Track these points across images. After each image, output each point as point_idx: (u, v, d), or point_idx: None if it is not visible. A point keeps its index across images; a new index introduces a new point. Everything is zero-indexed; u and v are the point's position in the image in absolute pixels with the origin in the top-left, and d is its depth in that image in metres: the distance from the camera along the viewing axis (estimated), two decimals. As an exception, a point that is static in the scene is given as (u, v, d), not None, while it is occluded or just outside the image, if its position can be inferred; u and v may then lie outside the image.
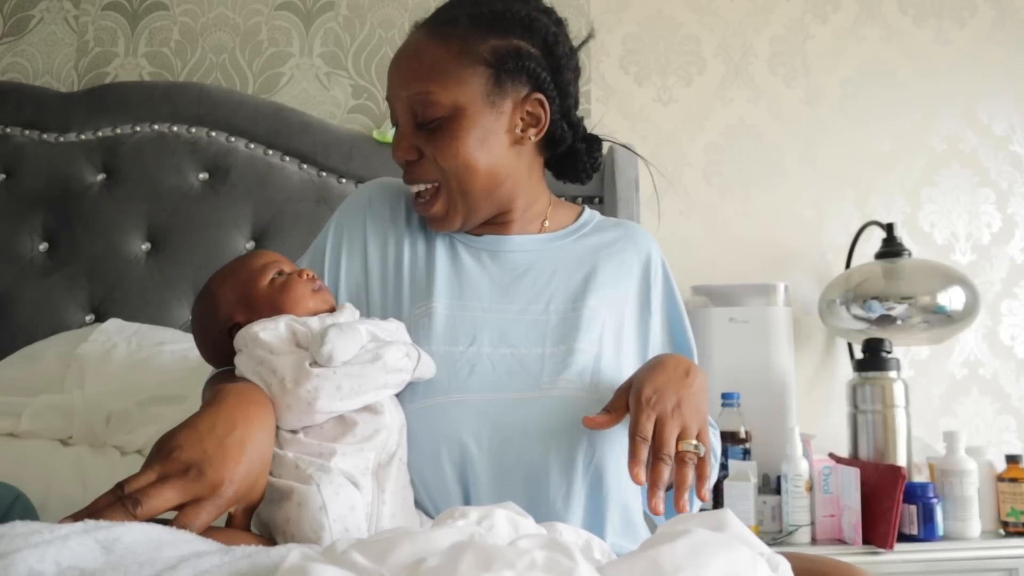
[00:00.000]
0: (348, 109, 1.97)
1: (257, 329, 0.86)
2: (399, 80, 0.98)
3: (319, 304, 0.93)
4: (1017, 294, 2.07)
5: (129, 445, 1.33)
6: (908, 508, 1.51)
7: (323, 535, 0.75)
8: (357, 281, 1.03)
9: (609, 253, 1.06)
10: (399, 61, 0.99)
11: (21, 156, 1.79)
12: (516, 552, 0.51)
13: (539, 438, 0.88)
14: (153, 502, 0.68)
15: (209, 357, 0.97)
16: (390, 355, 0.86)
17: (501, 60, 0.96)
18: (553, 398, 0.90)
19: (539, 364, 0.93)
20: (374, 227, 1.05)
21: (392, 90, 0.99)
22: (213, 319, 0.93)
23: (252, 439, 0.76)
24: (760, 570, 0.58)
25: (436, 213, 0.99)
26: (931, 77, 2.10)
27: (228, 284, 0.94)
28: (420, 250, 1.04)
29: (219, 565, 0.55)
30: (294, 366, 0.82)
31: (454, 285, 1.00)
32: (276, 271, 0.94)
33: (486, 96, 0.96)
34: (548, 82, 0.99)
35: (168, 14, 2.00)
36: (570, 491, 0.88)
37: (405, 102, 0.97)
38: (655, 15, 2.07)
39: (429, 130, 0.96)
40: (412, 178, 1.00)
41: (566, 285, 1.01)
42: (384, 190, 1.10)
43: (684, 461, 0.80)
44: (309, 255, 1.07)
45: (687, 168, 2.03)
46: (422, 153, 0.97)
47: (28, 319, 1.70)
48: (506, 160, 0.99)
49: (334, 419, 0.84)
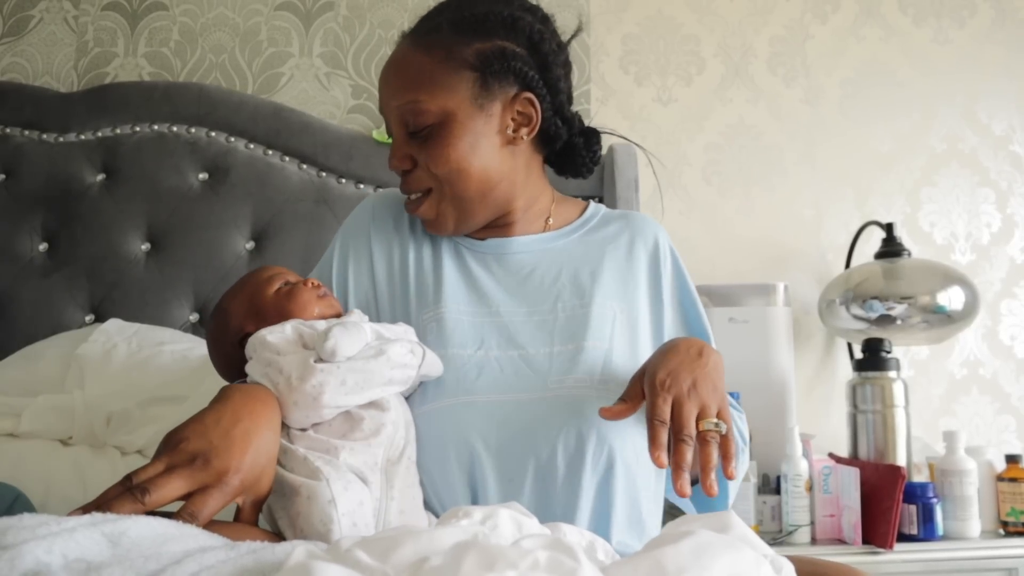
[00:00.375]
0: (348, 109, 1.97)
1: (264, 333, 0.88)
2: (388, 91, 0.99)
3: (325, 309, 0.95)
4: (1017, 294, 2.07)
5: (129, 445, 1.33)
6: (908, 508, 1.52)
7: (332, 528, 0.76)
8: (366, 294, 1.05)
9: (616, 246, 1.06)
10: (387, 73, 1.00)
11: (21, 156, 1.79)
12: (519, 552, 0.51)
13: (547, 439, 0.88)
14: (161, 491, 0.70)
15: (223, 370, 0.99)
16: (394, 351, 0.87)
17: (486, 63, 0.96)
18: (561, 398, 0.90)
19: (547, 364, 0.93)
20: (379, 239, 1.07)
21: (383, 101, 1.00)
22: (225, 332, 0.96)
23: (257, 431, 0.78)
24: (763, 572, 0.58)
25: (425, 215, 1.01)
26: (931, 77, 2.10)
27: (237, 298, 0.97)
28: (427, 258, 1.05)
29: (224, 560, 0.56)
30: (299, 363, 0.84)
31: (461, 291, 1.00)
32: (282, 281, 0.97)
33: (474, 100, 0.96)
34: (536, 80, 0.99)
35: (168, 14, 2.00)
36: (578, 491, 0.88)
37: (396, 112, 0.98)
38: (655, 15, 2.07)
39: (421, 139, 0.97)
40: (407, 187, 1.02)
41: (573, 282, 1.01)
42: (386, 201, 1.11)
43: (706, 440, 0.79)
44: (316, 271, 1.09)
45: (687, 168, 2.03)
46: (415, 162, 0.99)
47: (28, 319, 1.70)
48: (499, 162, 0.99)
49: (341, 416, 0.85)
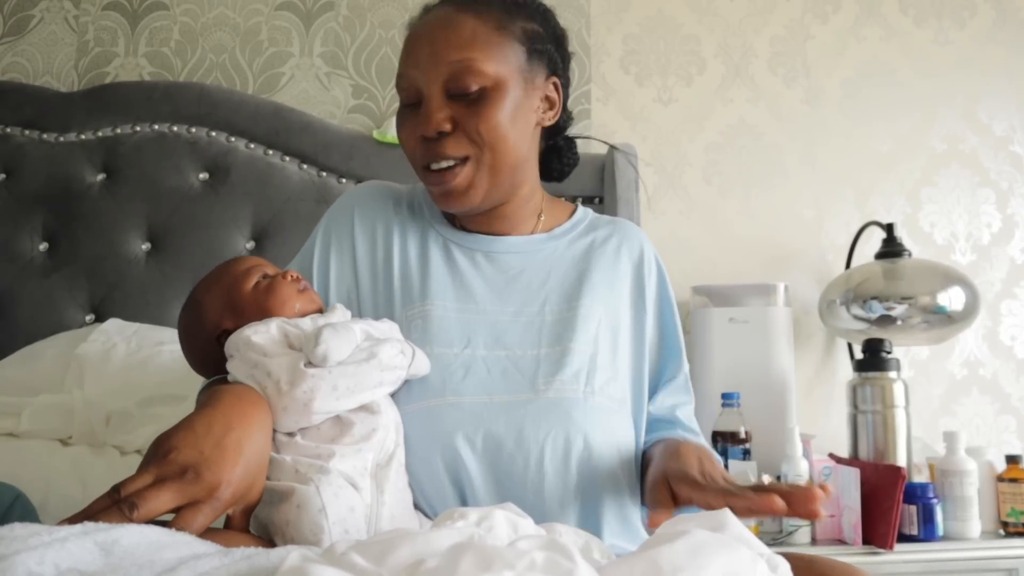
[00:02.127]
0: (348, 109, 1.97)
1: (248, 333, 0.85)
2: (432, 51, 0.93)
3: (306, 304, 0.93)
4: (1017, 294, 2.07)
5: (129, 445, 1.33)
6: (908, 508, 1.51)
7: (322, 537, 0.75)
8: (348, 285, 1.02)
9: (603, 252, 1.05)
10: (431, 32, 0.95)
11: (21, 156, 1.79)
12: (515, 553, 0.51)
13: (535, 441, 0.87)
14: (150, 505, 0.67)
15: (198, 366, 0.96)
16: (385, 353, 0.85)
17: (531, 40, 0.97)
18: (548, 400, 0.90)
19: (534, 365, 0.93)
20: (363, 230, 1.04)
21: (418, 62, 0.94)
22: (200, 327, 0.92)
23: (249, 440, 0.75)
24: (759, 570, 0.58)
25: (458, 185, 0.95)
26: (931, 77, 2.10)
27: (213, 291, 0.93)
28: (412, 252, 1.02)
29: (218, 567, 0.55)
30: (289, 368, 0.81)
31: (449, 287, 0.99)
32: (260, 275, 0.93)
33: (521, 72, 0.96)
34: (562, 69, 1.02)
35: (168, 14, 2.00)
36: (565, 492, 0.88)
37: (443, 71, 0.92)
38: (655, 15, 2.07)
39: (466, 101, 0.93)
40: (440, 153, 0.94)
41: (561, 285, 1.00)
42: (372, 193, 1.09)
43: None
44: (297, 261, 1.06)
45: (687, 168, 2.03)
46: (456, 126, 0.93)
47: (28, 319, 1.70)
48: (528, 141, 0.99)
49: (331, 420, 0.83)
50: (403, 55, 0.98)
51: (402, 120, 0.98)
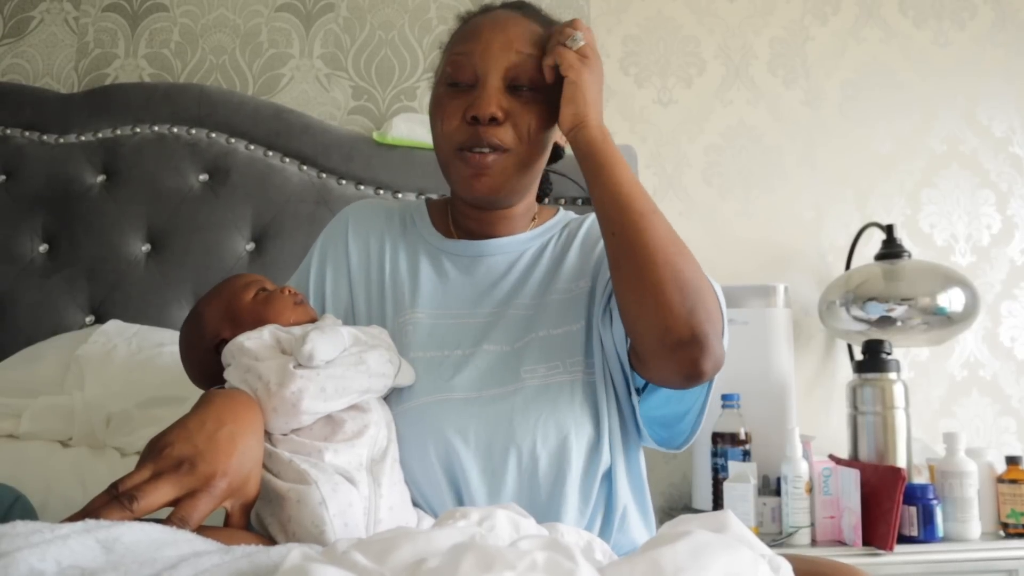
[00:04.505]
0: (348, 110, 1.97)
1: (242, 339, 0.88)
2: (503, 40, 0.95)
3: (301, 316, 0.96)
4: (1017, 295, 2.07)
5: (129, 447, 1.33)
6: (908, 509, 1.51)
7: (325, 530, 0.76)
8: (344, 299, 1.05)
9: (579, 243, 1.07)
10: (504, 23, 0.97)
11: (21, 157, 1.79)
12: (517, 553, 0.51)
13: (526, 430, 0.89)
14: (149, 498, 0.69)
15: (197, 377, 0.99)
16: (373, 359, 0.88)
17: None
18: (535, 387, 0.92)
19: (518, 356, 0.95)
20: (356, 244, 1.08)
21: (488, 44, 0.95)
22: (200, 337, 0.96)
23: (242, 435, 0.77)
24: (761, 571, 0.58)
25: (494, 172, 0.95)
26: (931, 78, 2.10)
27: (213, 303, 0.97)
28: (403, 262, 1.05)
29: (219, 564, 0.55)
30: (278, 369, 0.84)
31: (438, 295, 1.02)
32: (259, 288, 0.97)
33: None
34: None
35: (168, 15, 2.00)
36: (563, 481, 0.89)
37: (510, 58, 0.95)
38: (655, 16, 2.07)
39: (523, 97, 0.95)
40: (486, 137, 0.94)
41: (542, 277, 1.03)
42: (365, 210, 1.12)
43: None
44: (295, 278, 1.09)
45: (687, 169, 2.03)
46: (507, 116, 0.95)
47: (28, 320, 1.70)
48: (548, 148, 1.02)
49: (322, 420, 0.85)
50: (466, 34, 0.99)
51: (446, 98, 0.97)
